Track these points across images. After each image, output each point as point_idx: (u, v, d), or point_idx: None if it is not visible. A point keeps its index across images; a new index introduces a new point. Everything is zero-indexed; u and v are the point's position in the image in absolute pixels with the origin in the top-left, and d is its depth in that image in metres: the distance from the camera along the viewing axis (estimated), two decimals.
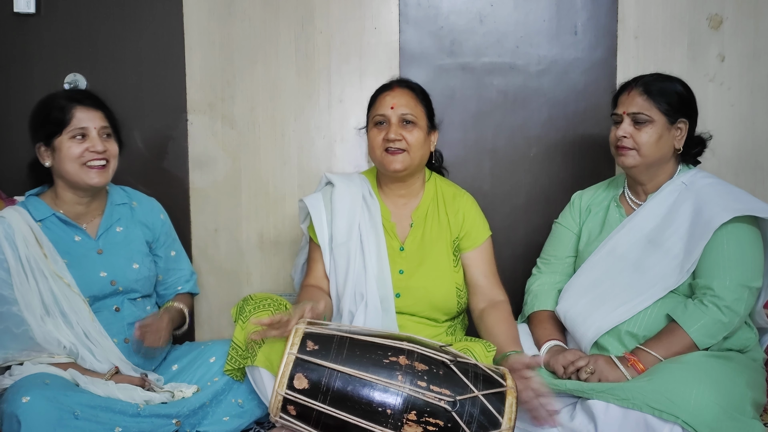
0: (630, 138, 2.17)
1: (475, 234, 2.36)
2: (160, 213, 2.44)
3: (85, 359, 2.15)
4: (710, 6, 2.72)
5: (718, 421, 1.81)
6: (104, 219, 2.29)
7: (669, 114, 2.16)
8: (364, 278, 2.27)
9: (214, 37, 2.77)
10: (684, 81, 2.24)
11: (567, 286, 2.29)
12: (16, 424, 1.87)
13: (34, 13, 2.71)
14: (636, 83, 2.20)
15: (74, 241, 2.23)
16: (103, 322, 2.20)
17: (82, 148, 2.17)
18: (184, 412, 2.14)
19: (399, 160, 2.28)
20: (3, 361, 2.11)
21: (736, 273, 2.06)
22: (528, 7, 2.76)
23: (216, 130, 2.80)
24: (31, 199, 2.26)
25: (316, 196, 2.40)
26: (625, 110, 2.19)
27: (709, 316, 2.05)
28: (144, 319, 2.25)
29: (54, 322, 2.12)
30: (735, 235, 2.08)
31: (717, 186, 2.19)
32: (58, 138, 2.17)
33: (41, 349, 2.11)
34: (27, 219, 2.17)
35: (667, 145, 2.19)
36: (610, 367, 2.06)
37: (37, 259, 2.12)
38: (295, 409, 1.77)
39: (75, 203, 2.24)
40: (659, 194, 2.22)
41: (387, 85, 2.37)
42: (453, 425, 1.73)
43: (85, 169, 2.18)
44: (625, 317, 2.13)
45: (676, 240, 2.14)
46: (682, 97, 2.20)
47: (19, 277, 2.10)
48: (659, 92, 2.16)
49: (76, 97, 2.22)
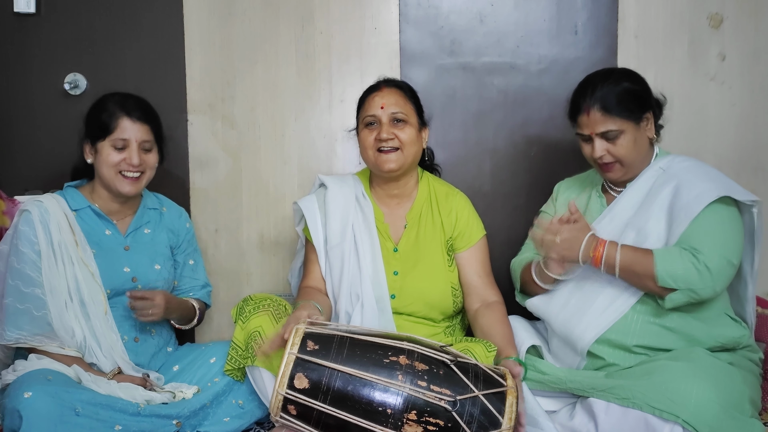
0: (608, 153, 2.16)
1: (469, 234, 2.36)
2: (186, 222, 2.52)
3: (93, 353, 2.18)
4: (710, 5, 2.72)
5: (718, 420, 1.80)
6: (135, 219, 2.37)
7: (633, 117, 2.15)
8: (359, 279, 2.28)
9: (215, 37, 2.77)
10: (629, 70, 2.25)
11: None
12: (18, 419, 1.89)
13: (34, 13, 2.70)
14: (589, 101, 2.15)
15: (105, 235, 2.31)
16: (117, 319, 2.25)
17: (120, 157, 2.26)
18: (184, 413, 2.15)
19: (393, 159, 2.28)
20: (15, 341, 2.13)
21: (720, 245, 2.04)
22: (528, 7, 2.76)
23: (216, 131, 2.80)
24: (70, 189, 2.35)
25: (310, 198, 2.40)
26: (591, 131, 2.16)
27: (686, 260, 2.02)
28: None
29: (74, 310, 2.17)
30: (716, 212, 2.07)
31: (695, 167, 2.18)
32: (101, 142, 2.27)
33: (54, 336, 2.15)
34: (63, 206, 2.25)
35: (643, 143, 2.19)
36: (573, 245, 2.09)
37: (68, 245, 2.20)
38: (295, 408, 1.77)
39: (110, 200, 2.33)
40: (637, 181, 2.22)
41: (374, 86, 2.37)
42: (453, 425, 1.73)
43: (119, 177, 2.27)
44: (620, 313, 2.11)
45: (654, 223, 2.13)
46: (636, 93, 2.17)
47: (49, 261, 2.17)
48: (615, 102, 2.13)
49: (127, 106, 2.28)
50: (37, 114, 2.74)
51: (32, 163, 2.71)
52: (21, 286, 2.13)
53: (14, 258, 2.15)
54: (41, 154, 2.72)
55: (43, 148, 2.72)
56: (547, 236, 2.11)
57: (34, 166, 2.71)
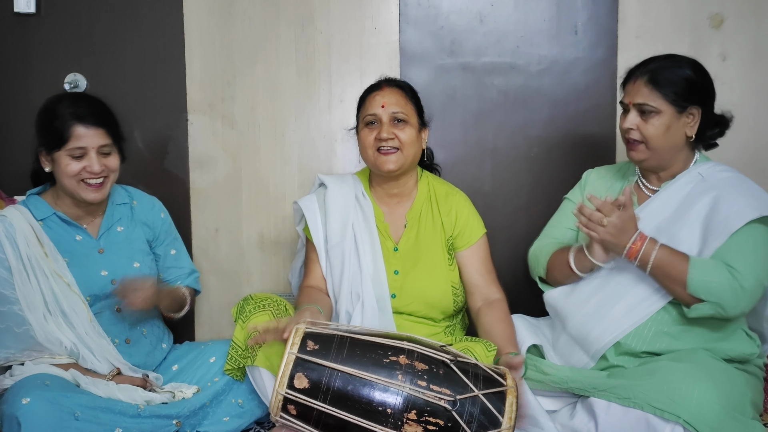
0: (637, 130, 2.09)
1: (469, 232, 2.36)
2: (161, 212, 2.42)
3: (86, 359, 2.14)
4: (711, 5, 2.72)
5: (719, 421, 1.80)
6: (105, 219, 2.29)
7: (677, 103, 2.05)
8: (360, 278, 2.28)
9: (215, 37, 2.77)
10: (697, 62, 2.13)
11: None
12: (16, 425, 1.87)
13: (34, 13, 2.71)
14: (642, 71, 2.10)
15: (75, 241, 2.23)
16: (105, 323, 2.20)
17: (80, 166, 2.14)
18: (184, 413, 2.14)
19: (392, 160, 2.28)
20: (5, 360, 2.10)
21: (757, 266, 1.99)
22: (528, 7, 2.76)
23: (216, 130, 2.80)
24: (32, 198, 2.25)
25: (310, 198, 2.40)
26: (630, 100, 2.10)
27: (722, 275, 1.95)
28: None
29: (56, 322, 2.12)
30: (756, 231, 2.00)
31: (736, 181, 2.10)
32: (57, 152, 2.14)
33: (42, 348, 2.11)
34: (28, 218, 2.16)
35: (678, 135, 2.09)
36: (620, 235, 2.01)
37: (38, 258, 2.12)
38: (295, 408, 1.77)
39: (75, 206, 2.24)
40: (674, 184, 2.13)
41: (375, 85, 2.37)
42: (453, 425, 1.73)
43: (82, 186, 2.17)
44: (640, 320, 2.07)
45: (688, 233, 2.06)
46: (692, 83, 2.07)
47: (21, 276, 2.09)
48: (665, 81, 2.05)
49: (78, 112, 2.15)
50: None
51: (32, 163, 2.71)
52: None
53: None
54: None
55: None
56: (596, 215, 2.01)
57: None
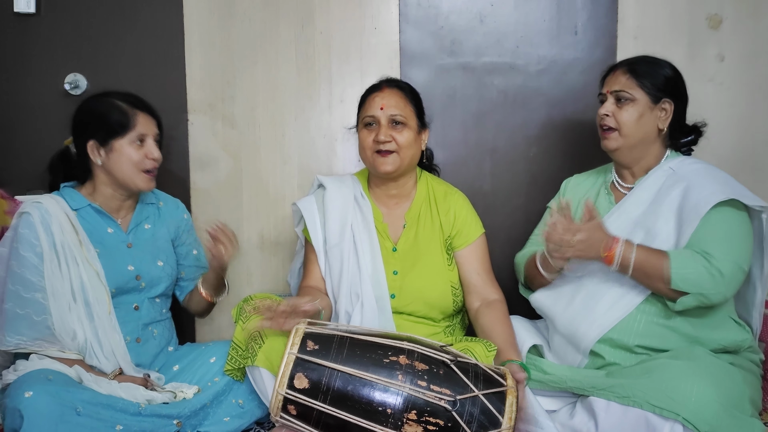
0: (612, 117, 2.19)
1: (467, 232, 2.36)
2: (184, 213, 2.52)
3: (94, 356, 2.17)
4: (709, 6, 2.73)
5: (718, 419, 1.81)
6: (135, 215, 2.37)
7: (652, 93, 2.17)
8: (359, 278, 2.28)
9: (215, 37, 2.77)
10: (674, 66, 2.24)
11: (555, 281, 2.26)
12: (19, 418, 1.89)
13: (34, 13, 2.71)
14: (622, 64, 2.24)
15: (107, 233, 2.30)
16: (120, 319, 2.25)
17: (141, 154, 2.25)
18: (185, 413, 2.15)
19: (389, 162, 2.29)
20: (15, 347, 2.13)
21: (731, 250, 2.03)
22: (528, 7, 2.76)
23: (216, 131, 2.81)
24: (67, 189, 2.32)
25: (309, 199, 2.41)
26: (608, 89, 2.22)
27: (699, 264, 2.01)
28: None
29: (77, 311, 2.16)
30: (727, 216, 2.07)
31: (705, 170, 2.18)
32: (118, 140, 2.23)
33: (55, 340, 2.14)
34: (64, 207, 2.24)
35: (650, 125, 2.19)
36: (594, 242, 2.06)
37: (72, 245, 2.19)
38: (295, 408, 1.77)
39: (112, 198, 2.32)
40: (647, 179, 2.22)
41: (376, 86, 2.37)
42: (453, 425, 1.73)
43: (140, 174, 2.27)
44: (625, 312, 2.11)
45: (663, 223, 2.13)
46: (668, 78, 2.20)
47: (51, 263, 2.15)
48: (644, 72, 2.19)
49: (137, 103, 2.28)
50: (38, 114, 2.75)
51: (33, 163, 2.71)
52: (21, 291, 2.12)
53: (15, 262, 2.14)
54: (42, 154, 2.70)
55: (44, 148, 2.71)
56: (566, 236, 2.08)
57: (35, 167, 2.71)
